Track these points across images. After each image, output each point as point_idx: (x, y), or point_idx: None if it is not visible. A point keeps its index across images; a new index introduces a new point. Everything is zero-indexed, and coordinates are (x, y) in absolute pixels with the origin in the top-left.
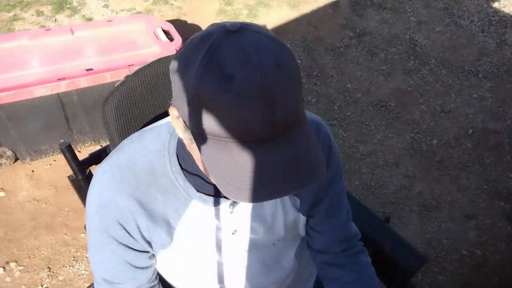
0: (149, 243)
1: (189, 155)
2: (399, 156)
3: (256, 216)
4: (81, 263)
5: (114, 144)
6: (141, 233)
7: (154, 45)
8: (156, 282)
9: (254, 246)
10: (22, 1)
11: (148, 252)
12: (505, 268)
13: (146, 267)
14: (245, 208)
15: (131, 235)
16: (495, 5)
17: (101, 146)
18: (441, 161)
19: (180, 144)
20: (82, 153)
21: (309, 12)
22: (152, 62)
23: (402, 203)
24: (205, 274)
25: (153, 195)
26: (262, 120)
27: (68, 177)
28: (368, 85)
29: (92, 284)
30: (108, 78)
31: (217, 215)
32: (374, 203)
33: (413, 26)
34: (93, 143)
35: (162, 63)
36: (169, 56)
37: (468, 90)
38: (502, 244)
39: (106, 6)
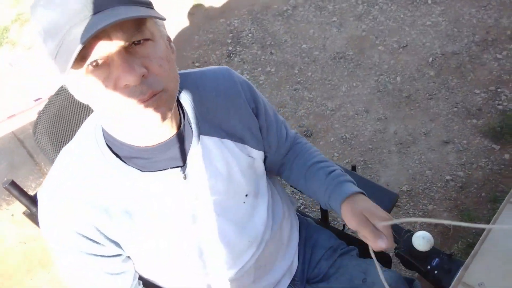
0: (116, 243)
1: (117, 139)
2: (367, 102)
3: (210, 173)
4: None
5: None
6: (103, 234)
7: None
8: (140, 287)
9: (223, 209)
10: None
11: (120, 255)
12: (489, 181)
13: (124, 272)
14: (198, 169)
15: (94, 241)
16: None
17: None
18: (409, 96)
19: (107, 134)
20: None
21: None
22: None
23: (380, 147)
24: (185, 253)
25: (102, 193)
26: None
27: (23, 213)
28: (323, 41)
29: None
30: None
31: (172, 187)
32: (353, 154)
33: None
34: None
35: None
36: None
37: (420, 20)
38: (482, 160)
39: None
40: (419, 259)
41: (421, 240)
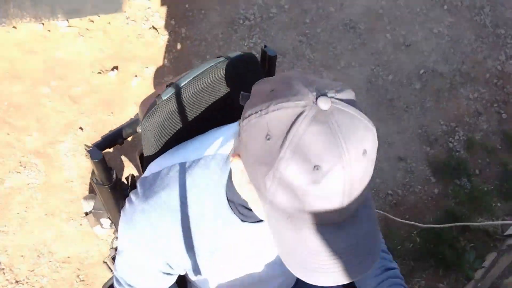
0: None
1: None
2: (356, 89)
3: None
4: (30, 171)
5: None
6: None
7: None
8: None
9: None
10: None
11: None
12: (415, 208)
13: (170, 274)
14: None
15: (166, 253)
16: None
17: (43, 24)
18: (391, 100)
19: (229, 178)
20: (19, 29)
21: None
22: (200, 74)
23: None
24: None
25: (199, 231)
26: (340, 209)
27: (91, 179)
28: (341, 0)
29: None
30: None
31: (257, 240)
32: None
33: None
34: (33, 19)
35: (209, 74)
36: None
37: (430, 23)
38: (418, 186)
39: None
40: None
41: None
